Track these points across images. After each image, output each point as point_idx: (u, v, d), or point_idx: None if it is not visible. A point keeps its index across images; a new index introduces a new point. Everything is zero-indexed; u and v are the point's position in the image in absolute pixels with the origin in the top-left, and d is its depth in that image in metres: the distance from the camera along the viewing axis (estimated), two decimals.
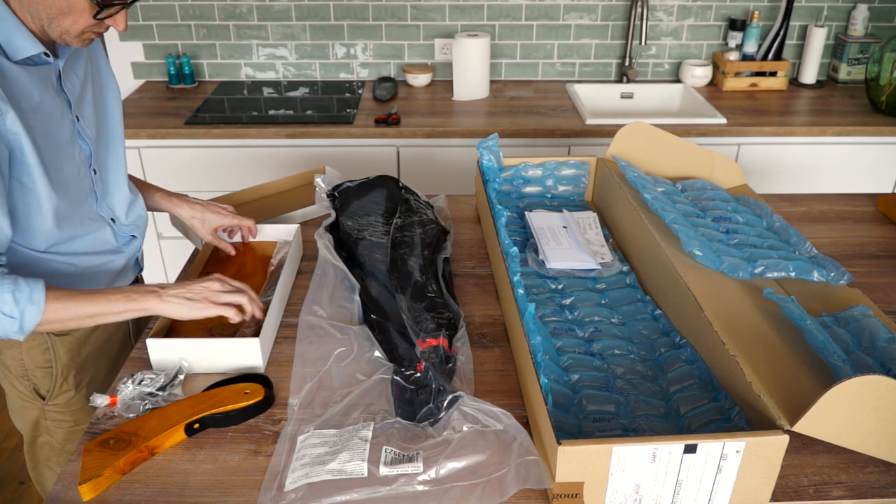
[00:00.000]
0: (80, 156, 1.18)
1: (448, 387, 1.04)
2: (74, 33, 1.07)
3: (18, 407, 1.33)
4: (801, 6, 2.66)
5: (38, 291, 1.01)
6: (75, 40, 1.08)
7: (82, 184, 1.19)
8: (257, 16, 2.62)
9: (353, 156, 2.31)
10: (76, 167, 1.17)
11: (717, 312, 1.09)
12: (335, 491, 0.91)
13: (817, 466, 0.98)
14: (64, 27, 1.05)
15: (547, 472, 0.90)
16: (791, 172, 2.39)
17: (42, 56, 1.08)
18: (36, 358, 1.26)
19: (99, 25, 1.08)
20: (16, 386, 1.30)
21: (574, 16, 2.66)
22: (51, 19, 1.04)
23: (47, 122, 1.10)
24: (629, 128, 1.62)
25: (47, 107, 1.10)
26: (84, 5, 1.03)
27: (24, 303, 1.00)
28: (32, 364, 1.26)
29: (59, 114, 1.13)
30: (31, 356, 1.26)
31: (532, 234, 1.47)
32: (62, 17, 1.04)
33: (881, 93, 2.39)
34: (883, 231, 1.61)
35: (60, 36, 1.06)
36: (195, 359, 1.13)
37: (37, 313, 1.01)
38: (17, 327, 1.01)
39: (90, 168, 1.21)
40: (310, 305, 1.28)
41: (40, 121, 1.08)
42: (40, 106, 1.08)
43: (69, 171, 1.15)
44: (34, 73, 1.08)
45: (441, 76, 2.73)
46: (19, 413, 1.34)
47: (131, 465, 0.96)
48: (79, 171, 1.18)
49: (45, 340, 1.25)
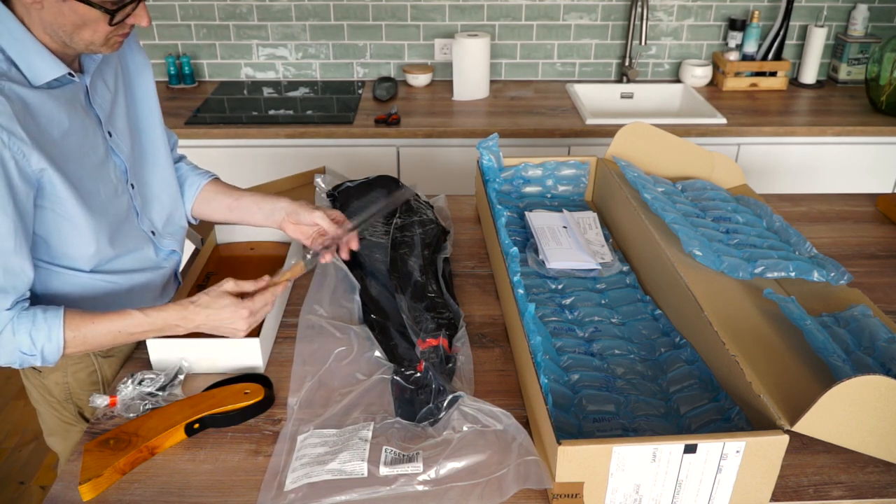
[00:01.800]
0: (116, 173, 1.14)
1: (448, 387, 1.04)
2: (99, 42, 1.02)
3: (59, 429, 1.30)
4: (801, 6, 2.66)
5: (57, 328, 1.00)
6: (103, 48, 1.04)
7: (121, 202, 1.15)
8: (257, 16, 2.62)
9: (353, 156, 2.31)
10: (113, 187, 1.13)
11: (717, 312, 1.09)
12: (335, 491, 0.91)
13: (817, 466, 0.98)
14: (87, 39, 1.01)
15: (547, 472, 0.90)
16: (791, 172, 2.39)
17: (67, 76, 1.04)
18: (82, 380, 1.24)
19: (122, 27, 1.03)
20: (58, 410, 1.27)
21: (574, 16, 2.66)
22: (70, 35, 1.00)
23: (80, 146, 1.06)
24: (629, 128, 1.62)
25: (78, 129, 1.06)
26: (96, 14, 0.98)
27: (43, 342, 0.99)
28: (78, 387, 1.24)
29: (92, 133, 1.09)
30: (76, 379, 1.23)
31: (532, 234, 1.47)
32: (80, 30, 1.00)
33: (881, 93, 2.39)
34: (883, 231, 1.61)
35: (87, 47, 1.02)
36: (195, 359, 1.13)
37: (56, 351, 1.00)
38: (39, 362, 1.01)
39: (128, 184, 1.17)
40: (310, 305, 1.28)
41: (72, 146, 1.05)
42: (70, 130, 1.04)
43: (106, 192, 1.12)
44: (60, 96, 1.03)
45: (441, 76, 2.73)
46: (60, 435, 1.31)
47: (131, 465, 0.96)
48: (116, 190, 1.14)
49: (92, 363, 1.23)
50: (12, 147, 0.95)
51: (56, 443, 1.33)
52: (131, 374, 1.09)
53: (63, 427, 1.29)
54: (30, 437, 2.33)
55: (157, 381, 1.08)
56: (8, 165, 0.95)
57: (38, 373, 1.22)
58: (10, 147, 0.94)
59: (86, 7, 0.97)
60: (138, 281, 1.22)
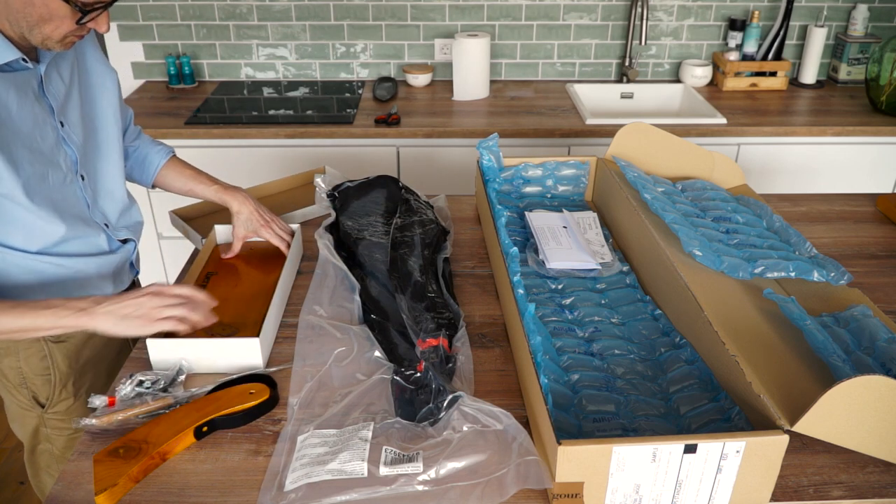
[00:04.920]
0: (67, 162, 1.16)
1: (448, 387, 1.04)
2: (56, 38, 1.05)
3: (18, 415, 1.32)
4: (801, 6, 2.66)
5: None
6: (57, 45, 1.06)
7: (70, 190, 1.17)
8: (257, 16, 2.62)
9: (353, 156, 2.31)
10: (62, 174, 1.15)
11: (717, 312, 1.09)
12: (335, 491, 0.91)
13: (817, 466, 0.98)
14: (45, 33, 1.03)
15: (547, 472, 0.90)
16: (791, 172, 2.38)
17: (20, 62, 1.05)
18: (34, 366, 1.25)
19: (81, 29, 1.06)
20: (14, 395, 1.28)
21: (574, 16, 2.66)
22: (31, 26, 1.02)
23: (28, 131, 1.07)
24: (629, 128, 1.62)
25: (27, 114, 1.07)
26: (66, 11, 1.01)
27: None
28: (31, 372, 1.25)
29: (41, 120, 1.10)
30: (28, 364, 1.24)
31: (532, 234, 1.47)
32: (43, 23, 1.01)
33: (881, 93, 2.39)
34: (883, 231, 1.61)
35: (42, 42, 1.05)
36: (195, 359, 1.13)
37: None
38: None
39: (77, 174, 1.18)
40: (310, 305, 1.28)
41: (18, 129, 1.06)
42: (19, 115, 1.06)
43: (55, 178, 1.13)
44: (11, 80, 1.05)
45: (441, 76, 2.73)
46: (18, 421, 1.33)
47: (144, 472, 0.95)
48: (65, 178, 1.16)
49: (43, 347, 1.24)
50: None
51: (17, 429, 1.35)
52: (130, 375, 1.09)
53: (20, 413, 1.31)
54: None
55: (158, 383, 1.08)
56: None
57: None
58: None
59: (59, 2, 0.99)
60: (88, 266, 1.22)
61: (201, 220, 1.61)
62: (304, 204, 1.67)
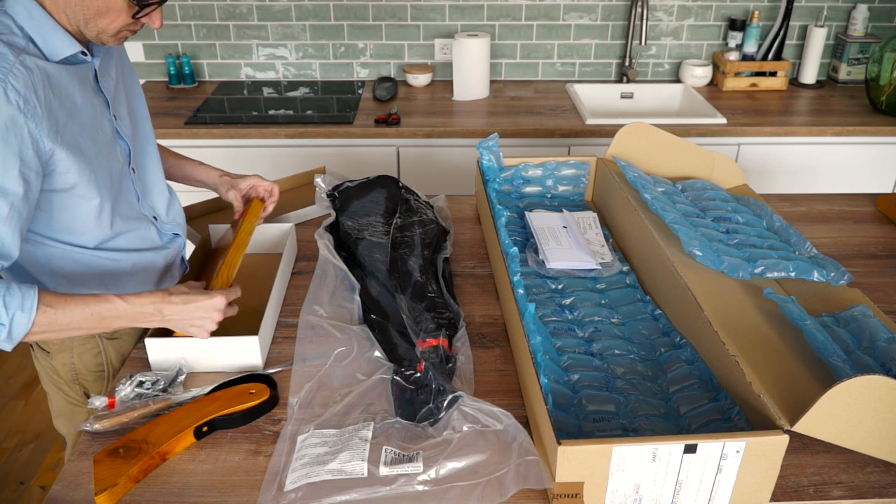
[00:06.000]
0: (122, 155, 1.18)
1: (448, 387, 1.04)
2: (111, 32, 1.06)
3: (66, 411, 1.32)
4: (801, 6, 2.66)
5: (30, 298, 0.96)
6: (111, 39, 1.08)
7: (125, 183, 1.20)
8: (257, 16, 2.62)
9: (353, 156, 2.31)
10: (119, 167, 1.17)
11: (717, 312, 1.09)
12: (335, 491, 0.91)
13: (817, 466, 0.98)
14: (101, 27, 1.05)
15: (547, 472, 0.90)
16: (791, 172, 2.38)
17: (79, 55, 1.07)
18: (88, 362, 1.26)
19: (135, 24, 1.08)
20: (65, 391, 1.29)
21: (574, 16, 2.66)
22: (87, 20, 1.04)
23: (90, 124, 1.10)
24: (629, 128, 1.62)
25: (88, 107, 1.09)
26: (122, 5, 1.03)
27: (15, 309, 0.95)
28: (84, 368, 1.27)
29: (100, 113, 1.13)
30: (83, 360, 1.26)
31: (532, 234, 1.47)
32: (99, 17, 1.04)
33: (881, 93, 2.39)
34: (883, 231, 1.61)
35: (97, 36, 1.06)
36: (194, 358, 1.13)
37: (26, 321, 0.96)
38: (6, 335, 0.96)
39: (129, 167, 1.21)
40: (310, 305, 1.28)
41: (84, 122, 1.08)
42: (83, 106, 1.08)
43: (115, 170, 1.15)
44: (73, 73, 1.07)
45: (441, 76, 2.73)
46: (66, 417, 1.33)
47: (144, 472, 0.95)
48: (122, 171, 1.18)
49: (98, 344, 1.26)
50: (27, 114, 0.97)
51: (62, 425, 1.35)
52: (130, 375, 1.09)
53: (69, 408, 1.32)
54: (30, 437, 2.33)
55: (158, 383, 1.08)
56: (22, 132, 0.97)
57: (46, 353, 1.25)
58: (26, 114, 0.97)
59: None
60: (141, 260, 1.24)
61: (201, 220, 1.62)
62: (304, 204, 1.67)
